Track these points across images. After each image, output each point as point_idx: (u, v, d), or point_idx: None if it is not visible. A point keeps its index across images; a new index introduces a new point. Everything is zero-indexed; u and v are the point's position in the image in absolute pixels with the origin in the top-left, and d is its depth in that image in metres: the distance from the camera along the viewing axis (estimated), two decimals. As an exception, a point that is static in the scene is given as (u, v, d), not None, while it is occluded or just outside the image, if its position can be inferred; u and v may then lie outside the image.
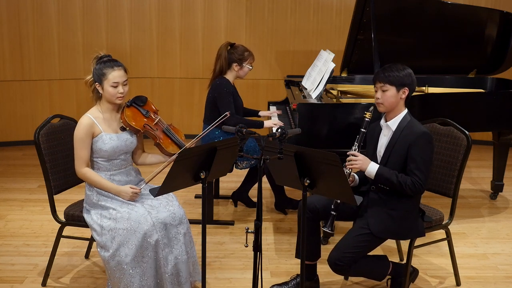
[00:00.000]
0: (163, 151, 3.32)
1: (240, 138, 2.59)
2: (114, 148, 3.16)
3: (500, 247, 4.08)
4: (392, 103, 3.10)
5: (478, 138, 6.43)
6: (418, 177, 3.00)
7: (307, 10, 6.72)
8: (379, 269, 3.21)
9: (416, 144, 3.01)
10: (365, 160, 3.09)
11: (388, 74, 3.10)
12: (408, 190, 3.01)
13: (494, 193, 5.06)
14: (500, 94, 4.68)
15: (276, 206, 4.66)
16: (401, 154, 3.05)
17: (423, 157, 3.01)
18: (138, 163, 3.41)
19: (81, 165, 3.16)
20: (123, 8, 6.66)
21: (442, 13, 4.83)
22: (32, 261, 3.73)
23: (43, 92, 6.64)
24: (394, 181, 3.02)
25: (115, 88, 3.13)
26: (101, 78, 3.12)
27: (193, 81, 6.84)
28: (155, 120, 3.30)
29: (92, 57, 3.20)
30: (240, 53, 4.31)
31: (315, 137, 3.87)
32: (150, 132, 3.26)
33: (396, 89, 3.08)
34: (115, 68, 3.13)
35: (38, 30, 6.48)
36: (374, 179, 3.08)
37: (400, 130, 3.09)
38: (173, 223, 3.09)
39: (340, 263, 3.05)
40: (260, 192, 2.55)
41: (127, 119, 3.19)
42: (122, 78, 3.15)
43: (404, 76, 3.09)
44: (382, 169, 3.06)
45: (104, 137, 3.15)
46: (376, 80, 3.15)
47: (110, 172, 3.21)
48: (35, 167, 5.20)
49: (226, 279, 3.56)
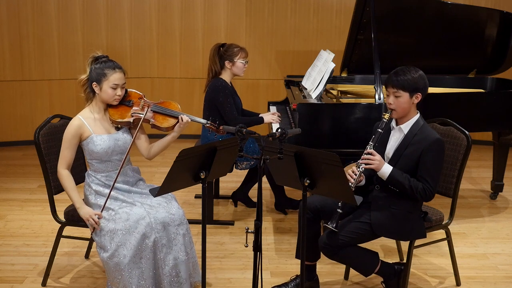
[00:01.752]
0: (162, 129, 3.26)
1: (240, 138, 2.59)
2: (105, 149, 3.14)
3: (500, 247, 4.08)
4: (405, 109, 3.05)
5: (478, 138, 6.43)
6: (430, 184, 2.99)
7: (307, 10, 6.72)
8: (366, 263, 3.16)
9: (430, 150, 2.98)
10: (381, 161, 3.05)
11: (401, 79, 3.03)
12: (419, 196, 3.00)
13: (494, 193, 5.06)
14: (500, 94, 4.68)
15: (276, 206, 4.66)
16: (413, 159, 3.02)
17: (436, 165, 3.00)
18: (150, 156, 3.32)
19: (62, 165, 3.14)
20: (123, 8, 6.66)
21: (442, 13, 4.83)
22: (32, 261, 3.73)
23: (43, 92, 6.64)
24: (406, 185, 3.00)
25: (114, 90, 3.13)
26: (101, 78, 3.11)
27: (193, 81, 6.84)
28: (140, 104, 3.24)
29: (88, 56, 3.19)
30: (230, 50, 4.33)
31: (315, 137, 3.87)
32: (140, 118, 3.19)
33: (410, 95, 3.03)
34: (116, 70, 3.12)
35: (38, 30, 6.48)
36: (386, 180, 3.04)
37: (413, 134, 3.06)
38: (172, 223, 3.08)
39: (331, 244, 3.03)
40: (260, 192, 2.55)
41: (112, 118, 3.17)
42: (122, 81, 3.15)
43: (418, 81, 3.03)
44: (396, 172, 3.02)
45: (94, 138, 3.12)
46: (388, 84, 3.08)
47: (106, 173, 3.19)
48: (35, 167, 5.20)
49: (226, 279, 3.56)
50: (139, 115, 3.20)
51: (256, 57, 6.67)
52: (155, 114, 3.25)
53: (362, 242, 3.14)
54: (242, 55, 4.36)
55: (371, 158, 3.04)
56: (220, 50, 4.36)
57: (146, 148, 3.31)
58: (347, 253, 3.07)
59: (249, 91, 6.76)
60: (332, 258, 3.11)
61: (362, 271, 3.19)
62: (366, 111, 3.89)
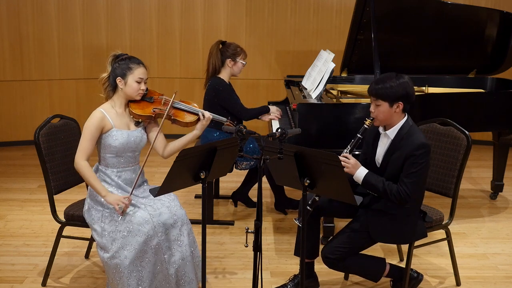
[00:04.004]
0: (183, 124, 3.33)
1: (240, 138, 2.59)
2: (123, 144, 3.16)
3: (500, 247, 4.08)
4: (386, 118, 3.01)
5: (478, 138, 6.43)
6: (407, 187, 2.94)
7: (307, 10, 6.72)
8: (372, 269, 3.17)
9: (412, 155, 2.94)
10: (356, 165, 3.04)
11: (379, 87, 2.97)
12: (393, 198, 2.97)
13: (494, 193, 5.06)
14: (500, 94, 4.68)
15: (276, 206, 4.66)
16: (399, 163, 2.99)
17: (416, 169, 2.94)
18: (166, 154, 3.34)
19: (81, 157, 3.11)
20: (123, 8, 6.66)
21: (442, 13, 4.83)
22: (32, 261, 3.73)
23: (43, 92, 6.64)
24: (380, 188, 2.99)
25: (139, 84, 3.19)
26: (127, 72, 3.16)
27: (193, 81, 6.84)
28: (161, 101, 3.31)
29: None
30: (233, 49, 4.36)
31: (315, 137, 3.87)
32: (161, 113, 3.26)
33: (389, 104, 2.97)
34: (140, 65, 3.21)
35: (38, 30, 6.48)
36: (361, 184, 3.05)
37: (400, 138, 3.02)
38: (175, 225, 3.09)
39: (330, 257, 3.05)
40: (260, 192, 2.55)
41: (134, 111, 3.21)
42: (146, 75, 3.23)
43: (398, 89, 2.95)
44: (370, 175, 3.02)
45: (114, 133, 3.15)
46: (369, 92, 3.05)
47: (117, 169, 3.20)
48: (35, 167, 5.20)
49: (226, 279, 3.56)
50: (161, 110, 3.26)
51: (256, 57, 6.67)
52: (176, 110, 3.33)
53: (361, 249, 3.13)
54: (243, 56, 4.38)
55: (346, 161, 3.02)
56: (221, 47, 4.37)
57: (162, 146, 3.34)
58: (350, 263, 3.09)
59: (249, 91, 6.76)
60: (335, 269, 3.12)
61: (370, 278, 3.21)
62: (366, 111, 3.86)
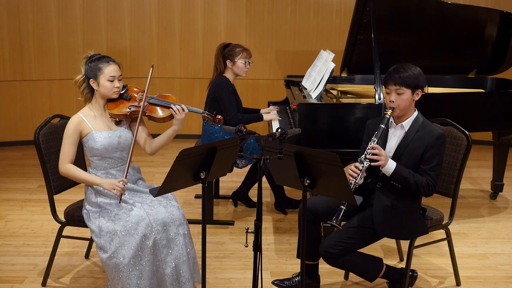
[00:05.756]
0: (157, 120, 3.26)
1: (240, 138, 2.59)
2: (105, 146, 3.15)
3: (500, 247, 4.08)
4: (407, 106, 3.05)
5: (478, 138, 6.43)
6: (433, 178, 2.99)
7: (307, 10, 6.73)
8: (369, 269, 3.17)
9: (434, 146, 2.99)
10: (387, 157, 3.03)
11: (403, 75, 3.01)
12: (422, 191, 3.00)
13: (494, 193, 5.06)
14: (500, 94, 4.68)
15: (276, 206, 4.66)
16: (416, 155, 3.02)
17: (439, 159, 3.00)
18: (151, 151, 3.30)
19: (64, 161, 3.12)
20: (123, 8, 6.66)
21: (442, 13, 4.83)
22: (32, 261, 3.73)
23: (43, 92, 6.64)
24: (411, 180, 2.99)
25: (112, 83, 3.15)
26: (97, 73, 3.13)
27: (193, 81, 6.84)
28: (137, 98, 3.25)
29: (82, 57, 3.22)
30: (230, 50, 4.38)
31: (315, 137, 3.87)
32: (137, 111, 3.19)
33: (412, 92, 3.03)
34: (110, 63, 3.16)
35: (38, 30, 6.48)
36: (390, 176, 3.02)
37: (414, 130, 3.05)
38: (172, 224, 3.08)
39: (330, 251, 3.03)
40: (260, 192, 2.55)
41: (110, 111, 3.19)
42: (118, 73, 3.18)
43: (418, 77, 3.04)
44: (400, 167, 3.01)
45: (94, 135, 3.14)
46: (389, 82, 3.05)
47: (106, 170, 3.20)
48: (35, 167, 5.20)
49: (226, 279, 3.56)
50: (137, 107, 3.22)
51: (256, 57, 6.63)
52: (151, 106, 3.26)
53: (362, 246, 3.13)
54: (243, 56, 4.38)
55: (378, 153, 2.98)
56: (224, 50, 4.39)
57: (147, 143, 3.30)
58: (348, 260, 3.08)
59: (249, 91, 6.76)
60: (334, 265, 3.11)
61: (365, 277, 3.20)
62: (366, 111, 3.89)
